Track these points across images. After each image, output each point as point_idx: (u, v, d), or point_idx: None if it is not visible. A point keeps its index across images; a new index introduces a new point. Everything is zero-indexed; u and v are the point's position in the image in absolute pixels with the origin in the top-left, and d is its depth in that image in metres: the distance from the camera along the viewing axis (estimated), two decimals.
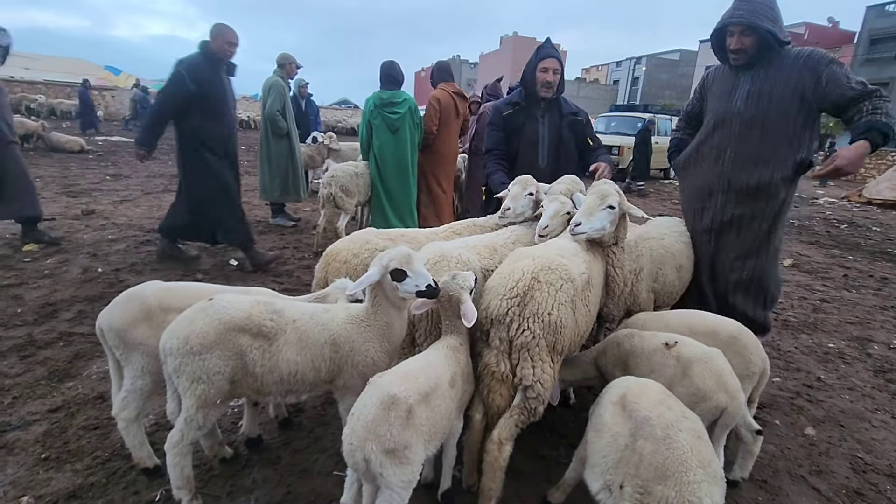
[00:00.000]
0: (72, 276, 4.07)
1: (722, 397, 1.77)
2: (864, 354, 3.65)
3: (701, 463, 1.32)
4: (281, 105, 5.77)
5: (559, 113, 3.29)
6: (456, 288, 1.77)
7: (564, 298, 1.81)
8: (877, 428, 2.70)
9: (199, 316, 1.67)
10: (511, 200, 2.62)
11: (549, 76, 3.16)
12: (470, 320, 1.71)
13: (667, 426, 1.39)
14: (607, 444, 1.49)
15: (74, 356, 2.85)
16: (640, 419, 1.44)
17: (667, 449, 1.34)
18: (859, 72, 34.15)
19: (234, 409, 2.46)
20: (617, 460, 1.44)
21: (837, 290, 5.29)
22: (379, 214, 5.23)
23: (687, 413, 1.48)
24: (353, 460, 1.41)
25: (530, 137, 3.28)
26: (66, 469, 2.00)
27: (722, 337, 2.08)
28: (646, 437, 1.39)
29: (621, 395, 1.58)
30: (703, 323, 2.21)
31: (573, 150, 3.37)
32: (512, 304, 1.78)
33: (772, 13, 2.50)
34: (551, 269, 1.84)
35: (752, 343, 2.09)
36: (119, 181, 8.78)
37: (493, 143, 3.35)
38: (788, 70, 2.51)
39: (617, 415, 1.53)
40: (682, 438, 1.36)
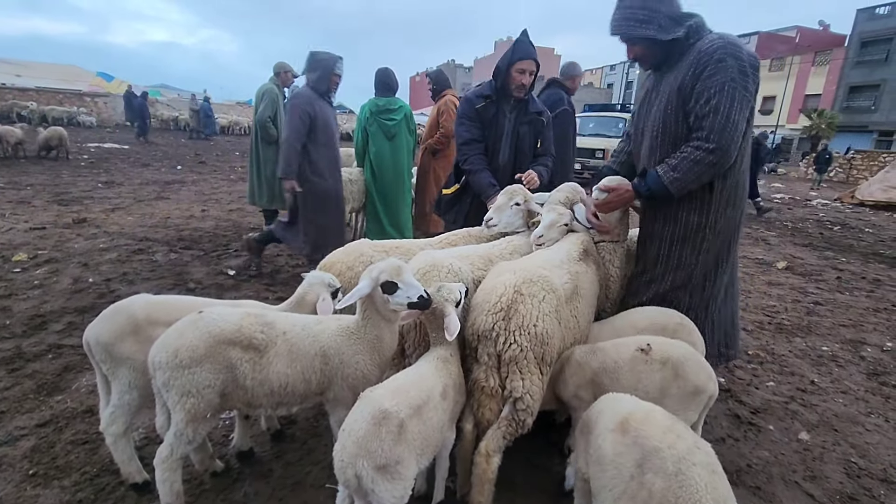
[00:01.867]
0: (62, 286, 4.03)
1: (712, 385, 1.78)
2: (858, 357, 3.66)
3: (717, 501, 1.20)
4: (272, 112, 5.77)
5: (525, 111, 3.28)
6: (440, 300, 1.76)
7: (548, 309, 1.81)
8: (870, 432, 2.70)
9: (188, 329, 1.66)
10: (495, 212, 2.61)
11: (525, 78, 3.11)
12: (452, 333, 1.69)
13: (679, 459, 1.25)
14: (612, 477, 1.36)
15: (63, 369, 2.81)
16: (649, 450, 1.31)
17: (679, 487, 1.21)
18: (850, 75, 34.62)
19: (225, 422, 2.43)
20: (622, 492, 1.32)
21: (831, 292, 5.31)
22: (374, 221, 5.22)
23: (699, 443, 1.35)
24: (344, 477, 1.38)
25: (496, 132, 3.26)
26: (54, 485, 1.97)
27: (671, 327, 2.09)
28: (655, 470, 1.26)
29: (620, 421, 1.43)
30: (645, 318, 2.17)
31: (529, 148, 3.34)
32: (497, 318, 1.78)
33: (644, 13, 2.14)
34: (533, 281, 1.84)
35: (693, 328, 2.12)
36: (111, 188, 8.73)
37: (471, 135, 3.26)
38: (678, 69, 2.17)
39: (618, 443, 1.39)
40: (697, 474, 1.23)
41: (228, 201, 8.40)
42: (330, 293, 2.13)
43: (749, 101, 2.05)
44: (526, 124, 3.28)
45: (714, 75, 2.02)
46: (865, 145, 29.91)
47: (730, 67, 2.00)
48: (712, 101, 2.02)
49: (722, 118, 2.00)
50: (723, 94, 2.00)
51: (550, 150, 3.48)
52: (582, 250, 2.30)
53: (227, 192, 9.39)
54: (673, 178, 2.12)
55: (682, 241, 2.29)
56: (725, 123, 2.00)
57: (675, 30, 2.12)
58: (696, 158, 2.06)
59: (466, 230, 2.83)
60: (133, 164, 12.23)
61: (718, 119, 2.01)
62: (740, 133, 2.05)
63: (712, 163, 2.06)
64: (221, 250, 5.44)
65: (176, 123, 28.75)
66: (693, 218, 2.25)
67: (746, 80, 2.02)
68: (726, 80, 2.00)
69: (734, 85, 2.00)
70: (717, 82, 2.01)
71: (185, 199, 8.37)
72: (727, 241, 2.32)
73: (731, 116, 2.00)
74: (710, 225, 2.24)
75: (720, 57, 2.01)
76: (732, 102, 2.00)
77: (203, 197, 8.66)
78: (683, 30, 2.12)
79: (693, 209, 2.25)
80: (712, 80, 2.02)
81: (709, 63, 2.03)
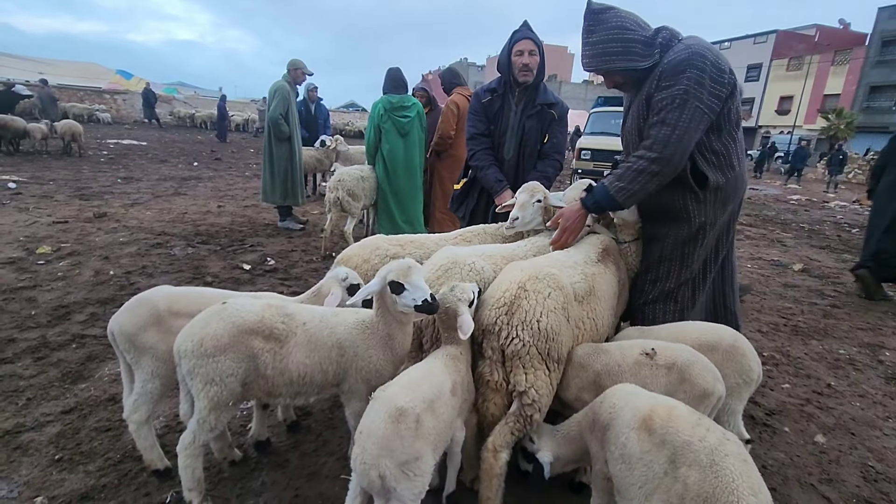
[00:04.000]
0: (84, 278, 4.13)
1: (720, 387, 1.76)
2: (876, 361, 3.61)
3: (752, 489, 1.22)
4: (284, 109, 5.84)
5: (532, 103, 3.14)
6: (453, 300, 1.76)
7: (553, 306, 1.81)
8: (888, 436, 2.66)
9: (213, 319, 1.70)
10: (519, 209, 2.58)
11: (526, 58, 2.99)
12: (465, 332, 1.69)
13: (711, 451, 1.27)
14: (641, 474, 1.38)
15: (87, 358, 2.89)
16: (680, 444, 1.32)
17: (715, 477, 1.23)
18: (871, 74, 33.86)
19: (244, 413, 2.48)
20: (654, 488, 1.33)
21: (849, 295, 5.22)
22: (386, 218, 5.26)
23: (728, 434, 1.37)
24: (367, 479, 1.38)
25: (501, 127, 3.21)
26: (79, 470, 2.03)
27: (722, 348, 2.00)
28: (689, 464, 1.28)
29: (643, 419, 1.43)
30: (695, 335, 2.05)
31: (535, 143, 3.20)
32: (500, 313, 1.80)
33: (618, 45, 2.12)
34: (539, 278, 1.85)
35: (749, 349, 2.05)
36: (130, 184, 8.90)
37: (478, 130, 3.22)
38: (647, 84, 2.17)
39: (645, 441, 1.39)
40: (730, 464, 1.25)
41: (244, 197, 8.52)
42: (344, 288, 2.16)
43: (703, 112, 2.04)
44: (532, 117, 3.15)
45: (669, 87, 2.04)
46: None
47: (686, 78, 2.00)
48: (661, 113, 2.05)
49: (668, 129, 2.02)
50: (672, 105, 2.02)
51: (559, 147, 3.26)
52: (601, 251, 2.28)
53: (243, 188, 9.51)
54: (618, 188, 2.15)
55: (686, 241, 2.31)
56: (670, 134, 2.02)
57: (651, 54, 2.13)
58: (639, 168, 2.09)
59: (482, 227, 2.83)
60: (151, 161, 12.44)
61: (664, 130, 2.03)
62: (685, 146, 2.05)
63: (654, 172, 2.08)
64: (237, 245, 5.52)
65: (192, 120, 29.15)
66: (696, 219, 2.28)
67: (701, 92, 2.01)
68: (678, 93, 2.01)
69: (686, 97, 2.00)
70: (670, 94, 2.03)
71: (202, 195, 8.50)
72: (724, 231, 2.38)
73: (676, 128, 2.01)
74: (710, 223, 2.28)
75: (681, 69, 2.02)
76: (681, 113, 2.01)
77: (219, 193, 8.79)
78: (657, 50, 2.12)
79: (694, 209, 2.27)
80: (666, 92, 2.04)
81: (669, 75, 2.05)
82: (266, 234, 6.16)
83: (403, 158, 5.10)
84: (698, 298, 2.41)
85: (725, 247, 2.41)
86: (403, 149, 5.08)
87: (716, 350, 1.97)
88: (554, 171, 3.25)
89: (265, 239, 5.91)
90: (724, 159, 2.22)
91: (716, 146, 2.19)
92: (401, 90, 5.10)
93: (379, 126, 5.05)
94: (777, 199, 14.41)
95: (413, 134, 5.09)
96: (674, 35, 2.17)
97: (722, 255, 2.42)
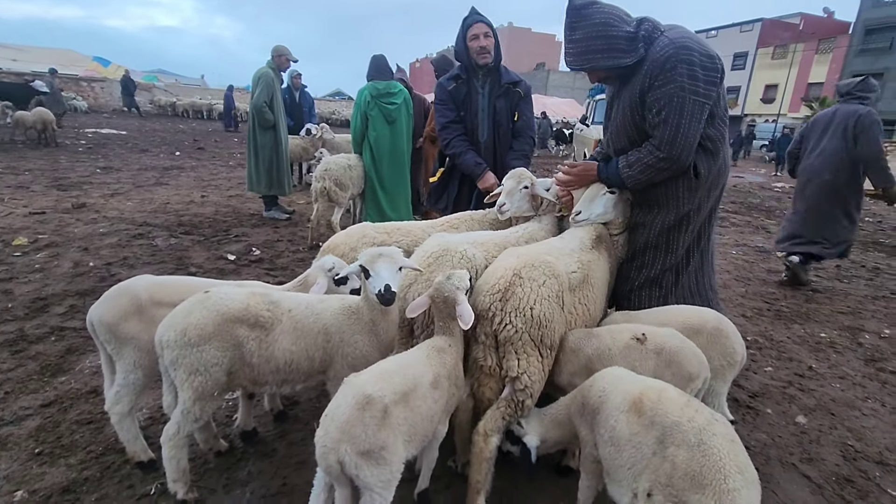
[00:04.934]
0: (63, 270, 4.03)
1: (704, 372, 1.79)
2: (856, 344, 3.69)
3: (739, 468, 1.25)
4: (268, 97, 5.71)
5: (498, 83, 3.23)
6: (451, 289, 1.73)
7: (548, 294, 1.83)
8: (867, 416, 2.73)
9: (196, 308, 1.68)
10: (506, 196, 2.58)
11: (482, 41, 3.09)
12: (467, 322, 1.67)
13: (700, 431, 1.30)
14: (630, 455, 1.40)
15: (66, 351, 2.82)
16: (669, 425, 1.34)
17: (702, 456, 1.25)
18: (854, 63, 34.28)
19: (229, 403, 2.45)
20: (643, 468, 1.35)
21: (830, 280, 5.33)
22: (373, 206, 5.21)
23: (716, 415, 1.39)
24: (326, 463, 1.35)
25: (471, 111, 3.24)
26: (60, 464, 1.99)
27: (707, 331, 2.02)
28: (678, 443, 1.30)
29: (633, 402, 1.45)
30: (679, 319, 2.08)
31: (507, 121, 3.29)
32: (494, 299, 1.81)
33: (602, 42, 2.09)
34: (534, 266, 1.86)
35: (733, 332, 2.08)
36: (110, 174, 8.69)
37: (448, 118, 3.25)
38: (634, 79, 2.18)
39: (634, 423, 1.42)
40: (718, 444, 1.27)
41: (228, 187, 8.37)
42: (330, 278, 2.14)
43: (702, 104, 2.07)
44: (501, 97, 3.25)
45: (664, 85, 2.04)
46: None
47: (679, 75, 2.01)
48: (662, 113, 2.07)
49: (671, 129, 2.06)
50: (671, 105, 2.04)
51: (530, 123, 3.40)
52: (595, 237, 2.31)
53: (227, 178, 9.35)
54: (628, 175, 2.23)
55: (671, 228, 2.33)
56: (675, 134, 2.06)
57: (635, 49, 2.11)
58: (648, 162, 2.16)
59: (469, 213, 2.82)
60: (131, 150, 12.16)
61: (668, 130, 2.06)
62: (690, 141, 2.10)
63: (663, 168, 2.16)
64: (221, 235, 5.43)
65: (174, 109, 28.53)
66: (682, 206, 2.29)
67: (697, 85, 2.03)
68: (675, 91, 2.03)
69: (683, 94, 2.02)
70: (666, 93, 2.04)
71: (185, 184, 8.33)
72: (708, 216, 2.39)
73: (680, 126, 2.05)
74: (694, 210, 2.30)
75: (671, 66, 2.02)
76: (682, 112, 2.04)
77: (202, 183, 8.63)
78: (641, 44, 2.12)
79: (682, 198, 2.29)
80: (662, 91, 2.05)
81: (659, 73, 2.05)
82: (251, 224, 6.07)
83: (390, 146, 5.04)
84: (681, 283, 2.43)
85: (707, 231, 2.43)
86: (390, 136, 5.02)
87: (700, 333, 1.99)
88: (530, 148, 3.37)
89: (250, 229, 5.82)
90: (719, 143, 2.23)
91: (710, 131, 2.20)
92: (386, 76, 5.02)
93: (365, 113, 4.97)
94: (762, 186, 14.60)
95: (400, 121, 5.03)
96: (655, 27, 2.16)
97: (704, 240, 2.45)
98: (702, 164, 2.22)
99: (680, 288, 2.43)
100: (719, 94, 2.16)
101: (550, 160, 17.89)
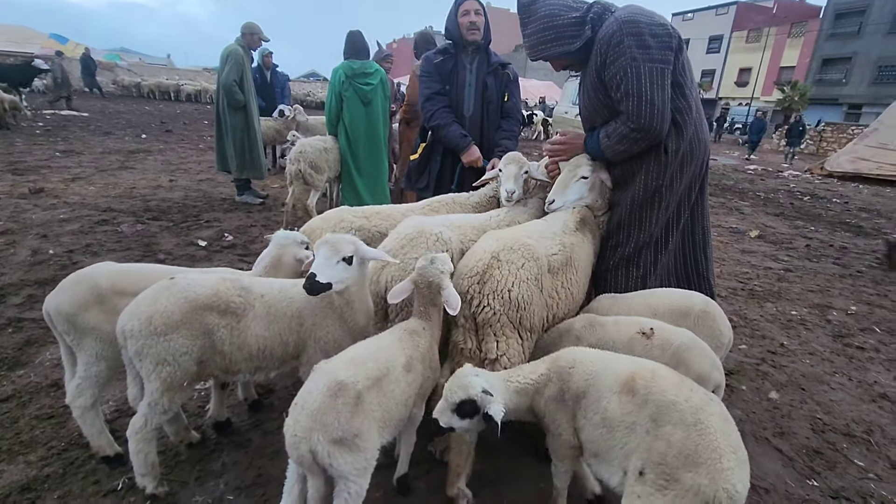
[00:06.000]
0: (20, 258, 3.81)
1: (717, 375, 1.76)
2: (824, 321, 3.80)
3: (732, 448, 1.26)
4: (238, 75, 5.48)
5: (487, 62, 3.24)
6: (436, 273, 1.67)
7: (526, 276, 1.81)
8: (834, 390, 2.82)
9: (162, 295, 1.60)
10: (513, 182, 2.50)
11: (472, 17, 3.11)
12: (454, 307, 1.62)
13: (696, 410, 1.29)
14: (623, 436, 1.39)
15: (25, 343, 2.68)
16: (665, 403, 1.33)
17: (698, 435, 1.25)
18: (824, 47, 35.02)
19: (201, 393, 2.37)
20: (636, 446, 1.35)
21: (800, 259, 5.48)
22: (349, 189, 5.09)
23: (710, 395, 1.39)
24: (297, 453, 1.30)
25: (458, 84, 3.23)
26: (19, 461, 1.89)
27: (694, 314, 2.03)
28: (674, 423, 1.29)
29: (625, 382, 1.43)
30: (666, 301, 2.10)
31: (497, 99, 3.30)
32: (472, 282, 1.80)
33: (550, 33, 2.17)
34: (513, 248, 1.84)
35: (720, 315, 2.08)
36: (70, 158, 8.26)
37: (433, 90, 3.21)
38: (590, 61, 2.22)
39: (627, 403, 1.40)
40: (714, 423, 1.27)
41: (198, 171, 8.08)
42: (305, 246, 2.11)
43: (661, 69, 2.05)
44: (490, 75, 3.24)
45: (616, 61, 2.06)
46: (836, 118, 30.48)
47: (627, 47, 2.02)
48: (622, 87, 2.08)
49: (634, 99, 2.05)
50: (627, 77, 2.04)
51: (518, 106, 3.43)
52: (579, 220, 2.29)
53: (197, 161, 9.02)
54: (607, 145, 2.25)
55: (642, 204, 2.32)
56: (639, 103, 2.05)
57: (582, 32, 2.17)
58: (623, 133, 2.16)
59: (451, 196, 2.74)
60: (93, 133, 11.60)
61: (632, 101, 2.06)
62: (659, 107, 2.06)
63: (638, 139, 2.15)
64: (192, 221, 5.23)
65: (139, 90, 27.33)
66: (651, 182, 2.28)
67: (650, 52, 2.03)
68: (627, 63, 2.03)
69: (636, 64, 2.02)
70: (620, 67, 2.05)
71: (152, 168, 8.00)
72: (686, 193, 2.37)
73: (643, 95, 2.04)
74: (666, 184, 2.28)
75: (617, 40, 2.04)
76: (640, 80, 2.03)
77: (171, 167, 8.29)
78: (589, 26, 2.16)
79: (650, 172, 2.27)
80: (615, 67, 2.07)
81: (608, 50, 2.08)
82: (223, 209, 5.88)
83: (366, 128, 4.90)
84: (660, 262, 2.42)
85: (688, 210, 2.41)
86: (366, 118, 4.88)
87: (687, 316, 1.99)
88: (518, 130, 3.40)
89: (222, 214, 5.63)
90: (687, 115, 2.20)
91: (676, 103, 2.17)
92: (362, 55, 4.86)
93: (340, 94, 4.81)
94: (735, 169, 14.90)
95: (376, 102, 4.89)
96: (606, 8, 2.19)
97: (684, 219, 2.43)
98: (669, 137, 2.19)
99: (660, 268, 2.42)
100: (682, 63, 2.14)
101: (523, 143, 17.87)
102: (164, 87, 27.57)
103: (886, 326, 3.73)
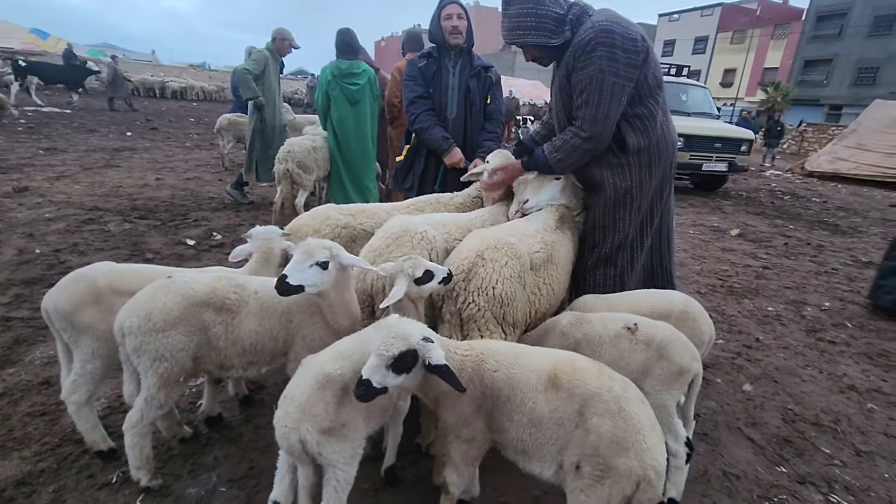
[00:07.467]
0: (6, 258, 3.79)
1: (696, 365, 1.83)
2: (799, 316, 3.95)
3: (651, 426, 1.35)
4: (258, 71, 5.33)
5: (470, 65, 3.30)
6: (396, 271, 1.75)
7: (510, 274, 1.88)
8: (806, 382, 2.95)
9: (160, 292, 1.65)
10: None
11: (455, 21, 3.16)
12: (385, 302, 1.71)
13: (618, 398, 1.36)
14: (553, 432, 1.40)
15: (14, 342, 2.69)
16: (589, 395, 1.37)
17: (623, 421, 1.32)
18: (806, 49, 35.64)
19: (192, 389, 2.41)
20: (567, 441, 1.38)
21: (778, 257, 5.64)
22: (338, 188, 5.12)
23: (625, 380, 1.46)
24: (287, 443, 1.36)
25: (441, 87, 3.28)
26: (13, 457, 1.92)
27: (675, 314, 2.09)
28: (601, 413, 1.34)
29: (549, 378, 1.44)
30: (647, 303, 2.16)
31: (480, 102, 3.36)
32: (458, 279, 1.87)
33: (532, 20, 2.19)
34: (497, 247, 1.91)
35: (700, 313, 2.15)
36: (54, 155, 8.16)
37: (415, 94, 3.26)
38: (563, 62, 2.26)
39: (553, 399, 1.41)
40: (633, 408, 1.35)
41: (185, 169, 8.03)
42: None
43: (622, 86, 2.12)
44: (473, 78, 3.29)
45: (585, 68, 2.12)
46: (817, 118, 31.14)
47: (598, 57, 2.07)
48: (584, 94, 2.15)
49: (592, 109, 2.14)
50: (591, 86, 2.12)
51: (501, 108, 3.49)
52: (558, 218, 2.37)
53: (184, 159, 8.96)
54: (556, 159, 2.31)
55: (615, 206, 2.39)
56: (595, 114, 2.14)
57: (562, 31, 2.19)
58: (574, 144, 2.25)
59: (435, 196, 2.80)
60: (77, 130, 11.44)
61: (589, 110, 2.15)
62: (613, 118, 2.18)
63: (588, 149, 2.25)
64: (180, 220, 5.23)
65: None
66: (619, 182, 2.35)
67: (616, 67, 2.08)
68: (594, 72, 2.10)
69: (601, 75, 2.09)
70: (586, 75, 2.12)
71: (138, 167, 7.94)
72: (657, 194, 2.45)
73: (600, 106, 2.13)
74: (636, 185, 2.35)
75: (591, 48, 2.08)
76: (601, 92, 2.11)
77: (157, 165, 8.24)
78: (568, 27, 2.19)
79: (617, 175, 2.35)
80: (583, 73, 2.13)
81: (581, 55, 2.12)
82: (211, 207, 5.87)
83: (354, 127, 4.93)
84: (637, 261, 2.51)
85: (660, 209, 2.51)
86: (353, 118, 4.90)
87: (668, 317, 2.05)
88: (501, 132, 3.45)
89: (210, 213, 5.63)
90: (649, 122, 2.29)
91: (639, 110, 2.26)
92: (351, 55, 4.88)
93: (327, 93, 4.84)
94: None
95: (363, 102, 4.91)
96: (584, 11, 2.23)
97: (657, 219, 2.52)
98: (631, 140, 2.27)
99: (637, 267, 2.51)
100: (644, 74, 2.19)
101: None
102: (149, 84, 27.20)
103: (857, 322, 3.88)
